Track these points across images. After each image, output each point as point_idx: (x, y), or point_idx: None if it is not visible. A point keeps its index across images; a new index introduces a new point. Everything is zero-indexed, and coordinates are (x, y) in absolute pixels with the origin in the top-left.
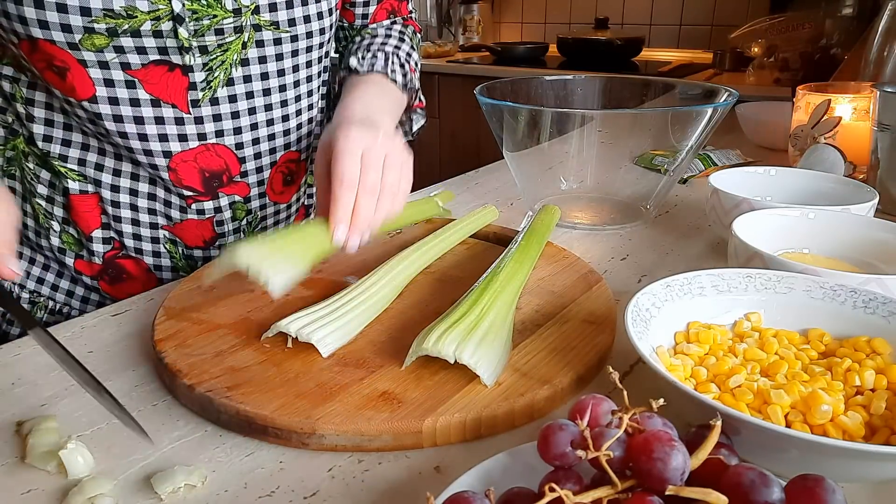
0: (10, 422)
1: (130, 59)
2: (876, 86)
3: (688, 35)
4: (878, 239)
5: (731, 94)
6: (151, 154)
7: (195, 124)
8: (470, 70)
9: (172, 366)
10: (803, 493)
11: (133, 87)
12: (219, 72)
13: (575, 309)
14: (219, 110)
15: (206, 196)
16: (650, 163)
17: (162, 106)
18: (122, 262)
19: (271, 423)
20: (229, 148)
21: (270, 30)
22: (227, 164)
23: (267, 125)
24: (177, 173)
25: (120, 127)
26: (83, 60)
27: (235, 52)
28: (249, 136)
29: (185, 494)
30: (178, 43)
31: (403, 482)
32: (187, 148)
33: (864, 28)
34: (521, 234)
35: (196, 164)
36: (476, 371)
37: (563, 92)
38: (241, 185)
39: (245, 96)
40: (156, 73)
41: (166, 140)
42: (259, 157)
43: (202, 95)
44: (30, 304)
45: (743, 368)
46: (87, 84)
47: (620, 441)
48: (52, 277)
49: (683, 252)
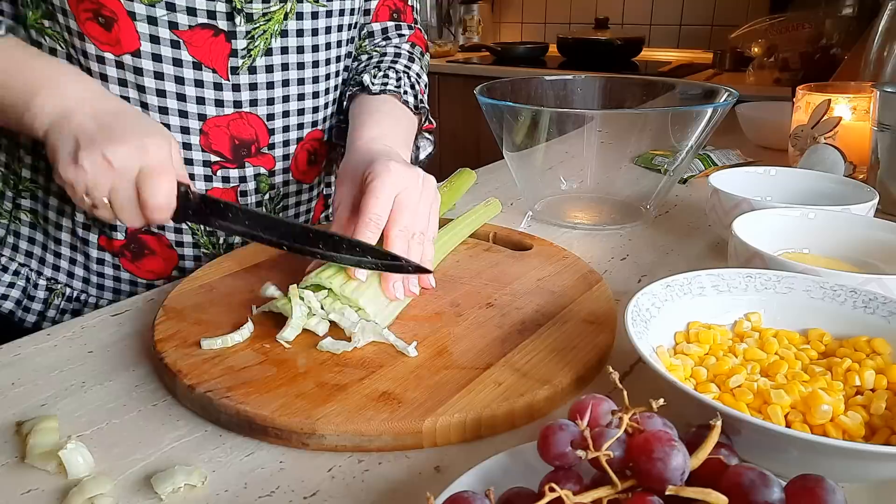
0: (10, 422)
1: (179, 19)
2: (876, 86)
3: (688, 35)
4: (878, 239)
5: (731, 94)
6: (186, 115)
7: (232, 91)
8: (470, 70)
9: (172, 366)
10: (803, 493)
11: (178, 48)
12: (259, 41)
13: (575, 309)
14: (255, 79)
15: (232, 164)
16: (650, 163)
17: (203, 70)
18: (144, 237)
19: (271, 424)
20: (261, 118)
21: (311, 2)
22: (257, 134)
23: (298, 99)
24: (208, 137)
25: (160, 84)
26: (133, 13)
27: (277, 23)
28: (281, 107)
29: (185, 494)
30: (227, 7)
31: (403, 482)
32: (222, 114)
33: (864, 28)
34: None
35: (228, 130)
36: (362, 307)
37: (563, 92)
38: (267, 157)
39: (281, 67)
40: (201, 36)
41: (203, 103)
42: (287, 131)
43: (241, 63)
44: (47, 290)
45: (743, 368)
46: (132, 37)
47: (620, 441)
48: (66, 265)
49: (683, 252)
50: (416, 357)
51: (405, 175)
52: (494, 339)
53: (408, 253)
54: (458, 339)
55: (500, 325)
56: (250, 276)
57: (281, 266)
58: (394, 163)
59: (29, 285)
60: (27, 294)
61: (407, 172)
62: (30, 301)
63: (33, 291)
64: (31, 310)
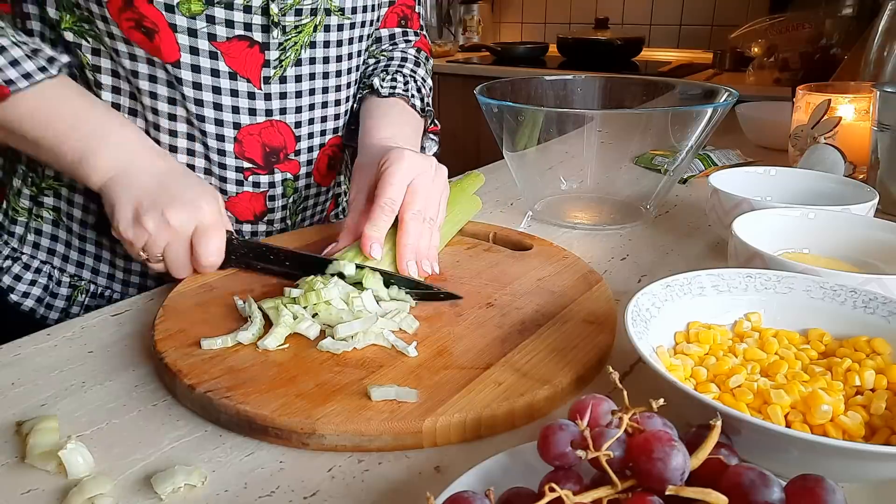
0: (10, 422)
1: (218, 31)
2: (876, 86)
3: (688, 35)
4: (878, 239)
5: (731, 94)
6: (222, 124)
7: (264, 100)
8: (470, 70)
9: (172, 366)
10: (803, 493)
11: (216, 59)
12: (291, 52)
13: (575, 309)
14: (286, 88)
15: (263, 170)
16: (650, 163)
17: (238, 79)
18: None
19: (271, 424)
20: (289, 126)
21: (337, 15)
22: (286, 141)
23: (322, 107)
24: (242, 145)
25: (198, 94)
26: (174, 24)
27: (307, 35)
28: (307, 115)
29: (185, 494)
30: (263, 20)
31: (403, 482)
32: (255, 122)
33: (864, 28)
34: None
35: (260, 138)
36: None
37: (563, 92)
38: (294, 162)
39: (309, 77)
40: (238, 47)
41: (237, 112)
42: (312, 137)
43: (273, 73)
44: (70, 287)
45: (743, 368)
46: (173, 48)
47: (620, 441)
48: (90, 261)
49: (683, 252)
50: (416, 357)
51: (419, 162)
52: (494, 338)
53: (419, 236)
54: (458, 339)
55: (500, 325)
56: (250, 276)
57: None
58: (408, 151)
59: (52, 283)
60: (50, 291)
61: (420, 160)
62: (52, 298)
63: (56, 289)
64: (53, 307)
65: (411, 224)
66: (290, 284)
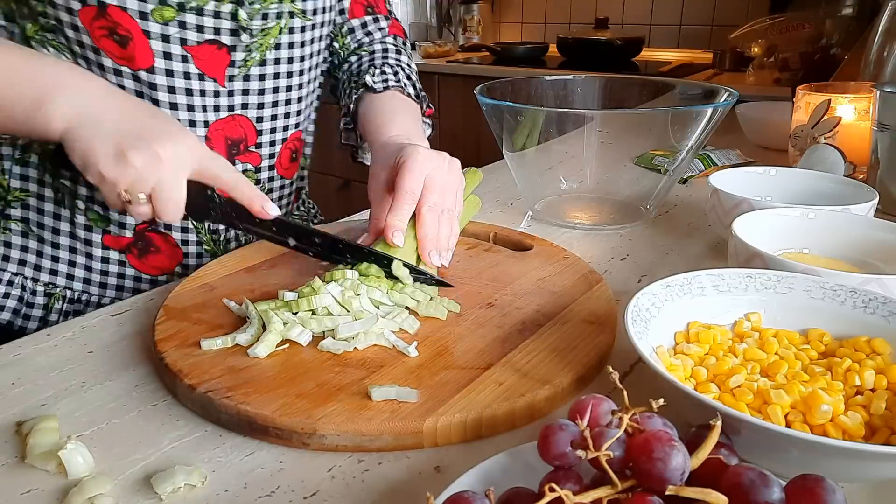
0: (10, 422)
1: (189, 36)
2: (876, 86)
3: (688, 35)
4: (878, 239)
5: (731, 94)
6: (194, 124)
7: (227, 97)
8: (470, 70)
9: (173, 366)
10: (803, 493)
11: (187, 62)
12: (256, 53)
13: (575, 309)
14: (248, 86)
15: None
16: (650, 163)
17: (205, 80)
18: (151, 235)
19: (272, 424)
20: (250, 119)
21: (300, 17)
22: (246, 133)
23: (285, 104)
24: (210, 142)
25: (172, 98)
26: (147, 31)
27: (273, 37)
28: (269, 111)
29: (185, 494)
30: (232, 24)
31: (403, 482)
32: (219, 118)
33: (864, 28)
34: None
35: (223, 132)
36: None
37: (563, 92)
38: (254, 154)
39: (272, 76)
40: (207, 50)
41: (206, 111)
42: (274, 132)
43: (238, 72)
44: (45, 295)
45: (743, 368)
46: (147, 54)
47: (620, 441)
48: (65, 267)
49: (683, 252)
50: (416, 357)
51: (433, 157)
52: (495, 339)
53: (438, 227)
54: (459, 339)
55: (500, 325)
56: (250, 276)
57: (280, 267)
58: (421, 147)
59: (26, 293)
60: (25, 302)
61: (435, 155)
62: (29, 308)
63: (31, 298)
64: (31, 317)
65: (428, 216)
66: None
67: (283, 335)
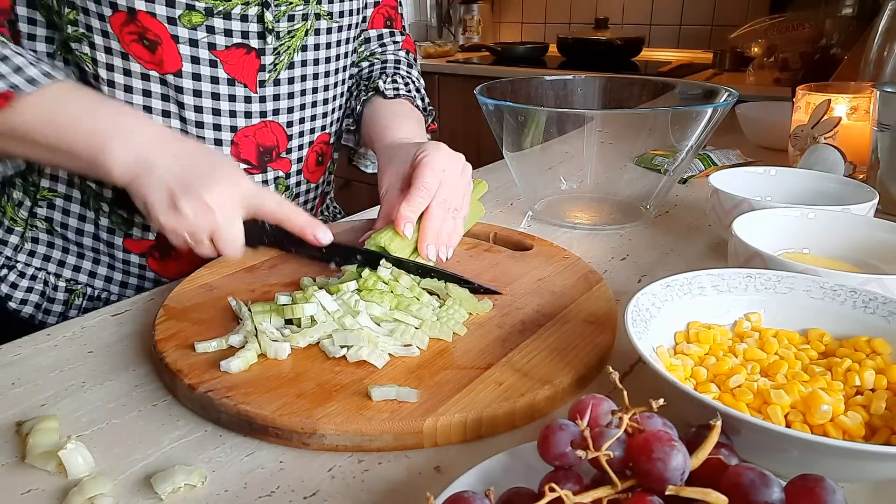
0: (10, 422)
1: (217, 41)
2: (876, 86)
3: (688, 35)
4: (878, 239)
5: (731, 94)
6: (220, 129)
7: (259, 103)
8: (470, 70)
9: (173, 365)
10: (803, 493)
11: (215, 66)
12: (284, 56)
13: (575, 309)
14: (279, 91)
15: (257, 170)
16: (650, 163)
17: (235, 85)
18: None
19: (272, 424)
20: (281, 125)
21: (327, 20)
22: (278, 140)
23: (312, 107)
24: (238, 147)
25: (198, 101)
26: (176, 36)
27: (299, 39)
28: (298, 115)
29: (185, 494)
30: (259, 28)
31: (403, 482)
32: (250, 124)
33: (864, 28)
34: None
35: (254, 139)
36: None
37: (563, 92)
38: (285, 161)
39: (301, 79)
40: (236, 55)
41: (234, 116)
42: (302, 136)
43: (268, 76)
44: (66, 291)
45: (743, 368)
46: (175, 59)
47: (620, 441)
48: (88, 265)
49: (683, 252)
50: (416, 357)
51: (451, 157)
52: (495, 339)
53: (442, 223)
54: (459, 339)
55: (500, 325)
56: (250, 276)
57: (279, 267)
58: (443, 146)
59: (48, 288)
60: (47, 297)
61: (453, 155)
62: (50, 303)
63: (53, 294)
64: (51, 312)
65: (437, 210)
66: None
67: (263, 350)
